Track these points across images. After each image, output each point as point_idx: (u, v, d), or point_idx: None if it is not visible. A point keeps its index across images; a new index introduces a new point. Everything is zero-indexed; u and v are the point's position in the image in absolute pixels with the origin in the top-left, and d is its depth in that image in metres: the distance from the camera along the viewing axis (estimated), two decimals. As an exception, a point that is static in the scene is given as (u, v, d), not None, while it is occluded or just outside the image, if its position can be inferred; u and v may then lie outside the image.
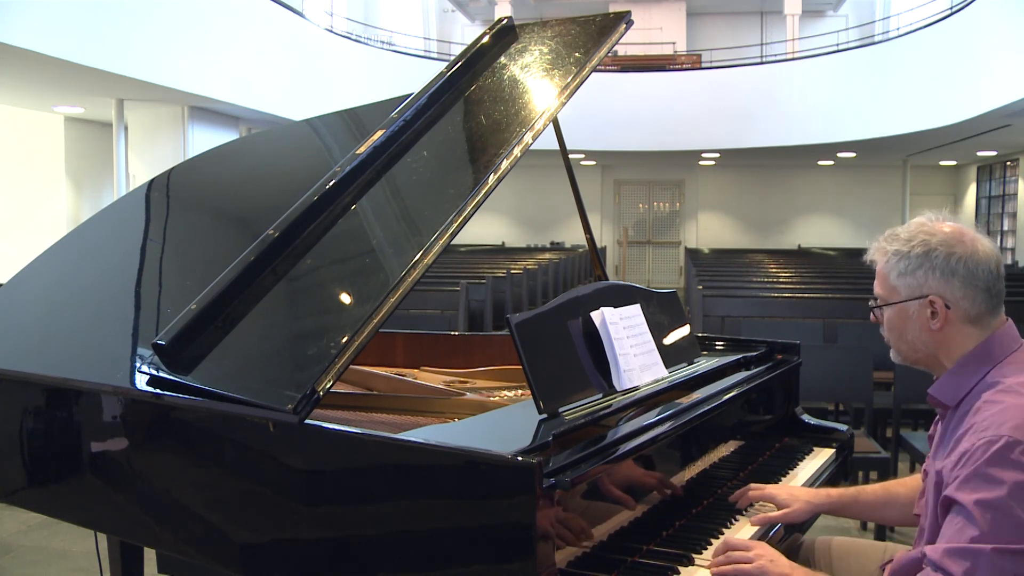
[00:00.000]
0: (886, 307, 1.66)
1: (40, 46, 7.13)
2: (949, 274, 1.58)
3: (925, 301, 1.60)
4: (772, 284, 8.85)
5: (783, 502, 1.92)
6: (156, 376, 1.78)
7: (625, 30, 2.39)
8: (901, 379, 4.13)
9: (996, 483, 1.40)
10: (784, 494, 1.94)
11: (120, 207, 2.74)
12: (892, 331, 1.68)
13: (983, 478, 1.41)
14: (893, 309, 1.65)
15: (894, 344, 1.69)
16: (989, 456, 1.42)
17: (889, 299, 1.65)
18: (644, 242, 19.90)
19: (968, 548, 1.39)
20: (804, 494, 1.96)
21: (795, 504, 1.91)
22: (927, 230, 1.62)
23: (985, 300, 1.59)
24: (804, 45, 15.86)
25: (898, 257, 1.63)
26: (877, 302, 1.69)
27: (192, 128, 10.63)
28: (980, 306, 1.59)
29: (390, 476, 1.51)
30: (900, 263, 1.62)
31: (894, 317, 1.65)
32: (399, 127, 2.12)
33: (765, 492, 1.96)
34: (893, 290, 1.64)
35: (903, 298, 1.63)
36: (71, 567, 3.61)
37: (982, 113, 10.42)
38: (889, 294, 1.65)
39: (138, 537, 2.01)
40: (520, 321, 1.81)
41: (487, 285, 8.17)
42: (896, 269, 1.63)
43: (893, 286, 1.64)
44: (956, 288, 1.58)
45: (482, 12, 19.54)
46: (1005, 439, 1.42)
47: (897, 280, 1.63)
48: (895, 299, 1.64)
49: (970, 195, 18.34)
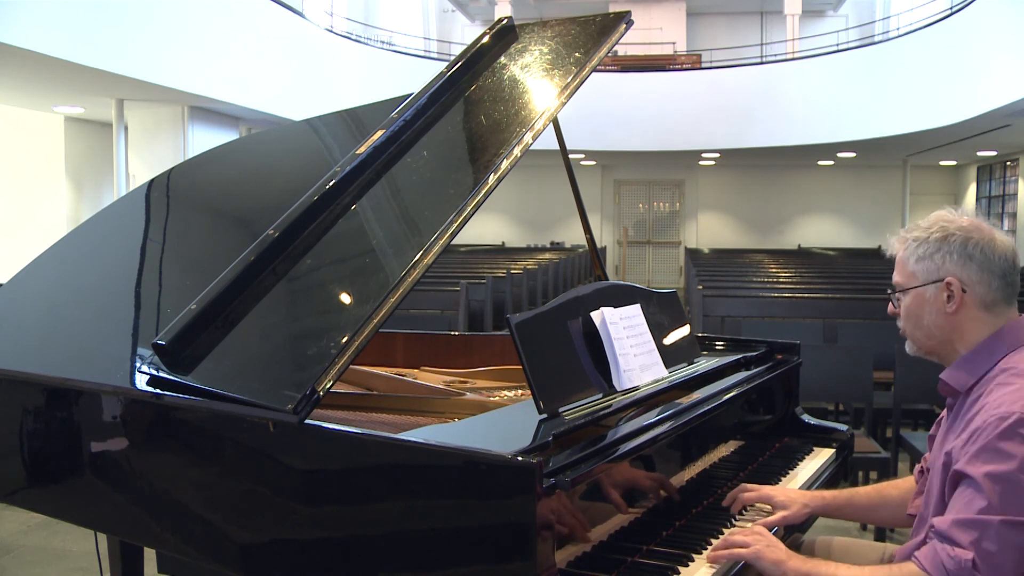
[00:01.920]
0: (904, 294, 1.69)
1: (40, 46, 7.13)
2: (966, 258, 1.62)
3: (942, 284, 1.63)
4: (772, 284, 8.85)
5: (781, 503, 1.92)
6: (156, 376, 1.78)
7: (625, 30, 2.39)
8: (901, 379, 4.13)
9: (1006, 457, 1.43)
10: (781, 496, 1.95)
11: (120, 207, 2.74)
12: (909, 318, 1.70)
13: (993, 452, 1.44)
14: (910, 295, 1.68)
15: (910, 333, 1.72)
16: (1001, 431, 1.45)
17: (907, 285, 1.69)
18: (644, 242, 19.90)
19: (976, 519, 1.41)
20: (800, 496, 1.97)
21: (792, 506, 1.91)
22: (946, 219, 1.68)
23: (1001, 287, 1.62)
24: (804, 45, 15.85)
25: (917, 243, 1.67)
26: (895, 289, 1.72)
27: (192, 128, 10.63)
28: (995, 292, 1.62)
29: (390, 476, 1.51)
30: (919, 248, 1.67)
31: (911, 303, 1.69)
32: (399, 127, 2.12)
33: (762, 493, 1.96)
34: (911, 276, 1.68)
35: (921, 282, 1.66)
36: (71, 567, 3.61)
37: (982, 113, 10.42)
38: (907, 280, 1.69)
39: (138, 537, 2.01)
40: (520, 321, 1.81)
41: (487, 285, 8.17)
42: (915, 254, 1.67)
43: (912, 272, 1.68)
44: (973, 272, 1.62)
45: (482, 12, 19.53)
46: (1017, 415, 1.45)
47: (916, 265, 1.67)
48: (913, 284, 1.67)
49: (970, 195, 18.33)
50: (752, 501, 1.96)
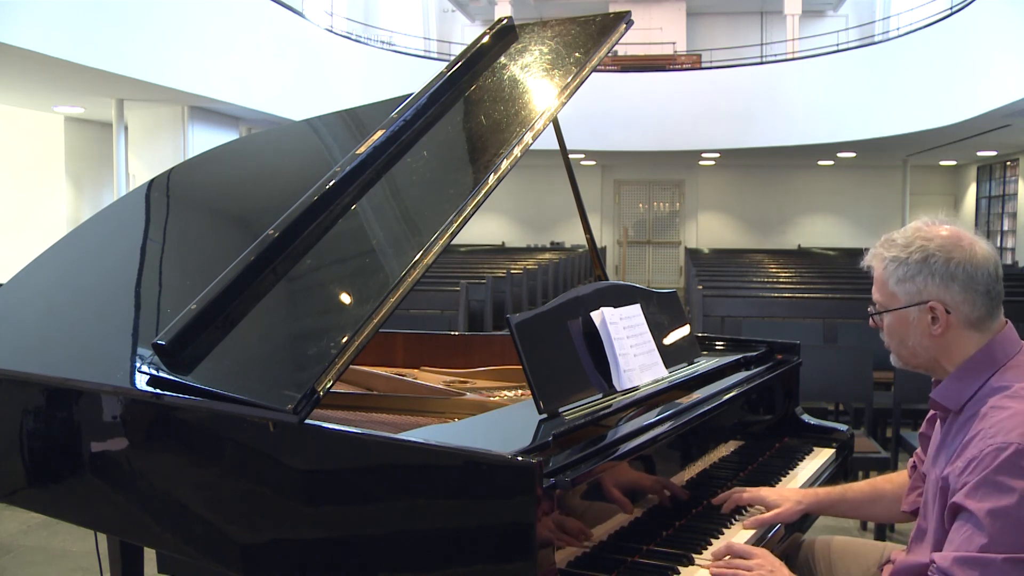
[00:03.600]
0: (885, 313, 1.65)
1: (40, 46, 7.13)
2: (948, 279, 1.57)
3: (925, 307, 1.59)
4: (772, 284, 8.85)
5: (772, 503, 1.92)
6: (156, 376, 1.78)
7: (625, 30, 2.39)
8: (901, 379, 4.13)
9: (1006, 491, 1.39)
10: (773, 495, 1.95)
11: (120, 207, 2.74)
12: (892, 337, 1.66)
13: (992, 485, 1.41)
14: (893, 315, 1.64)
15: (895, 350, 1.68)
16: (998, 464, 1.41)
17: (888, 305, 1.64)
18: (644, 242, 19.90)
19: (978, 557, 1.38)
20: (793, 494, 1.96)
21: (784, 504, 1.91)
22: (924, 235, 1.60)
23: (985, 304, 1.58)
24: (804, 45, 15.85)
25: (896, 263, 1.61)
26: (876, 308, 1.67)
27: (192, 128, 10.63)
28: (980, 310, 1.58)
29: (390, 476, 1.51)
30: (898, 269, 1.61)
31: (894, 323, 1.64)
32: (399, 127, 2.12)
33: (755, 494, 1.95)
34: (892, 296, 1.63)
35: (903, 304, 1.61)
36: (71, 567, 3.61)
37: (982, 113, 10.41)
38: (888, 300, 1.64)
39: (138, 537, 2.01)
40: (520, 321, 1.81)
41: (487, 285, 8.17)
42: (895, 275, 1.61)
43: (892, 292, 1.62)
44: (956, 293, 1.57)
45: (482, 12, 19.53)
46: (1015, 447, 1.41)
47: (896, 286, 1.61)
48: (894, 305, 1.63)
49: (970, 195, 18.33)
50: (745, 503, 1.95)
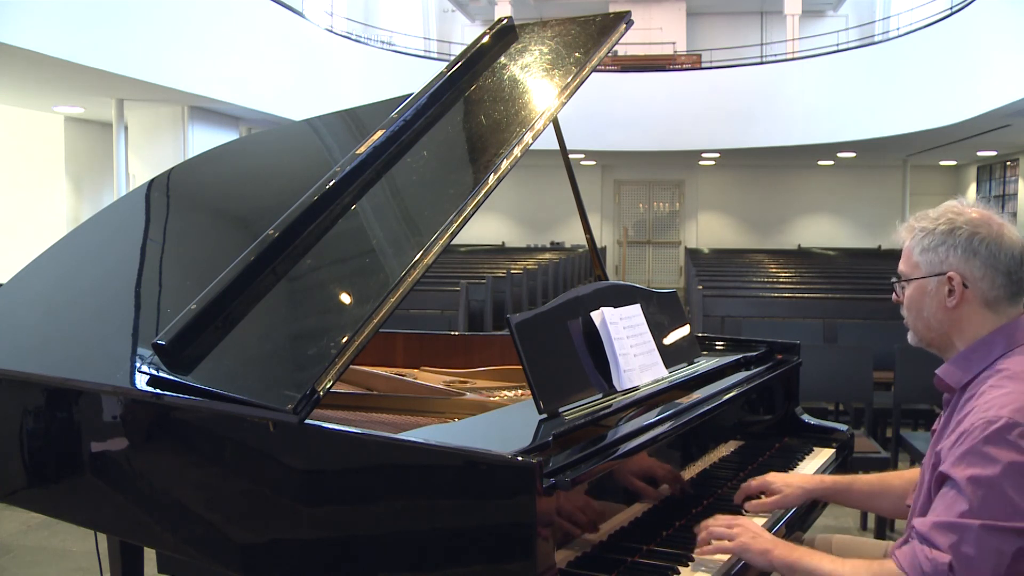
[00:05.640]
0: (907, 283, 1.68)
1: (40, 46, 7.13)
2: (971, 253, 1.60)
3: (944, 278, 1.62)
4: (772, 284, 8.85)
5: (777, 488, 1.94)
6: (156, 376, 1.78)
7: (625, 30, 2.39)
8: (901, 379, 4.13)
9: (991, 461, 1.41)
10: (779, 481, 1.97)
11: (120, 207, 2.74)
12: (910, 309, 1.69)
13: (979, 455, 1.43)
14: (913, 286, 1.67)
15: (911, 323, 1.71)
16: (987, 435, 1.43)
17: (911, 275, 1.67)
18: (644, 242, 19.90)
19: (956, 523, 1.40)
20: (798, 480, 1.99)
21: (788, 490, 1.93)
22: (955, 210, 1.65)
23: (1004, 284, 1.60)
24: (804, 45, 15.85)
25: (924, 234, 1.65)
26: (900, 281, 1.71)
27: (192, 128, 10.63)
28: (998, 290, 1.60)
29: (390, 476, 1.51)
30: (924, 239, 1.65)
31: (913, 293, 1.67)
32: (399, 127, 2.12)
33: (762, 481, 1.98)
34: (915, 266, 1.66)
35: (923, 274, 1.65)
36: (71, 567, 3.61)
37: (982, 113, 10.42)
38: (911, 270, 1.68)
39: (138, 537, 2.01)
40: (520, 321, 1.81)
41: (487, 285, 8.17)
42: (920, 245, 1.65)
43: (916, 262, 1.66)
44: (976, 268, 1.60)
45: (482, 12, 19.53)
46: (1005, 420, 1.43)
47: (920, 256, 1.65)
48: (916, 275, 1.66)
49: (970, 195, 18.30)
50: (755, 490, 1.97)
